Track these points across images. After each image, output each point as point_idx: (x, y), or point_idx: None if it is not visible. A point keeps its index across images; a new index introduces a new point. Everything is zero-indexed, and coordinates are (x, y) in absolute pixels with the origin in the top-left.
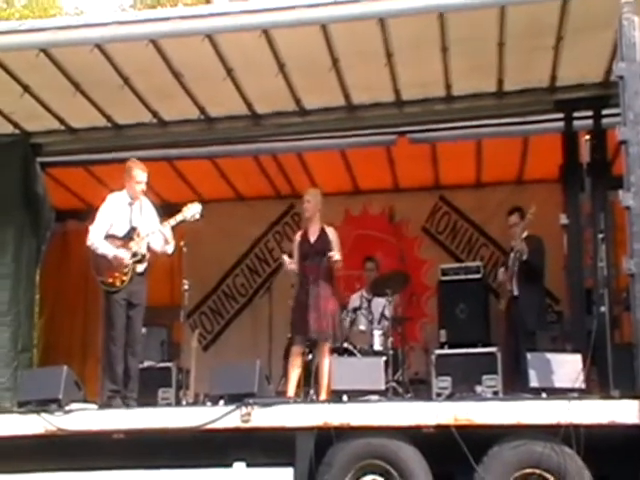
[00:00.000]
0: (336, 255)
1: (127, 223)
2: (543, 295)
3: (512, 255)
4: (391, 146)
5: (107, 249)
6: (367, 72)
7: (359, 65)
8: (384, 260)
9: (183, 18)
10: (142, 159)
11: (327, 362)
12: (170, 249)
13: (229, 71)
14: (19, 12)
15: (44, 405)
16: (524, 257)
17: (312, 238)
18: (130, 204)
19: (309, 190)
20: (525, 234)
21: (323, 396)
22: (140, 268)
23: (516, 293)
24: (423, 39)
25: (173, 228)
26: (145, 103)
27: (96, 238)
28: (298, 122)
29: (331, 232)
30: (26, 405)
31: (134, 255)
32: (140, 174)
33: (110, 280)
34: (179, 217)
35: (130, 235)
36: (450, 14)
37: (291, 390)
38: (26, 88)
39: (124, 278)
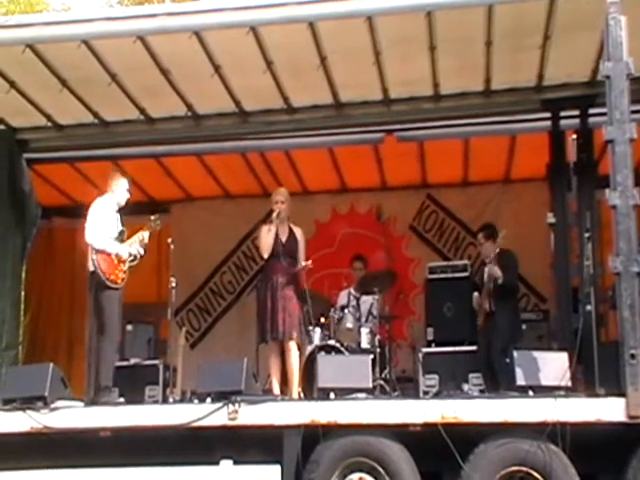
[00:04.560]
0: (309, 263)
1: (116, 227)
2: (517, 310)
3: (485, 274)
4: (379, 144)
5: (113, 247)
6: (355, 70)
7: (347, 63)
8: (372, 258)
9: (170, 15)
10: (129, 156)
11: (296, 359)
12: None
13: (217, 68)
14: (5, 7)
15: (30, 403)
16: (499, 282)
17: (283, 238)
18: (116, 210)
19: (279, 190)
20: (497, 250)
21: (295, 393)
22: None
23: (491, 309)
24: (411, 38)
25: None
26: (132, 100)
27: (100, 236)
28: (286, 120)
29: (299, 233)
30: (11, 403)
31: (129, 254)
32: (126, 183)
33: (113, 277)
34: (145, 234)
35: (121, 238)
36: (438, 13)
37: (276, 389)
38: (12, 84)
39: (124, 276)
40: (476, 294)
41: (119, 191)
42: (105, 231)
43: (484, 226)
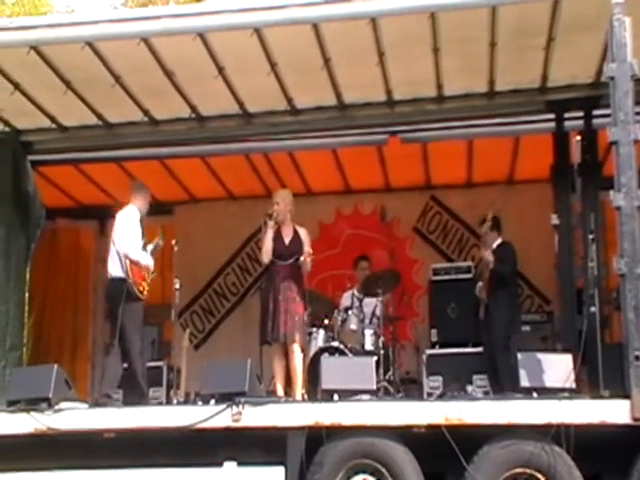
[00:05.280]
0: (309, 252)
1: (141, 238)
2: (514, 300)
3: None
4: (382, 145)
5: (145, 258)
6: (359, 71)
7: (351, 64)
8: (375, 259)
9: (174, 16)
10: (133, 158)
11: (299, 362)
12: None
13: (220, 70)
14: (10, 9)
15: (34, 404)
16: (490, 266)
17: (286, 239)
18: (140, 220)
19: (278, 191)
20: (498, 242)
21: (298, 395)
22: None
23: (488, 301)
24: (414, 39)
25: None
26: (136, 101)
27: (136, 247)
28: (290, 121)
29: (303, 233)
30: (16, 404)
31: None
32: (148, 195)
33: (141, 288)
34: (159, 243)
35: (144, 248)
36: (441, 14)
37: (280, 390)
38: (16, 86)
39: (148, 288)
40: (480, 283)
41: (142, 203)
42: (139, 242)
43: (492, 217)
